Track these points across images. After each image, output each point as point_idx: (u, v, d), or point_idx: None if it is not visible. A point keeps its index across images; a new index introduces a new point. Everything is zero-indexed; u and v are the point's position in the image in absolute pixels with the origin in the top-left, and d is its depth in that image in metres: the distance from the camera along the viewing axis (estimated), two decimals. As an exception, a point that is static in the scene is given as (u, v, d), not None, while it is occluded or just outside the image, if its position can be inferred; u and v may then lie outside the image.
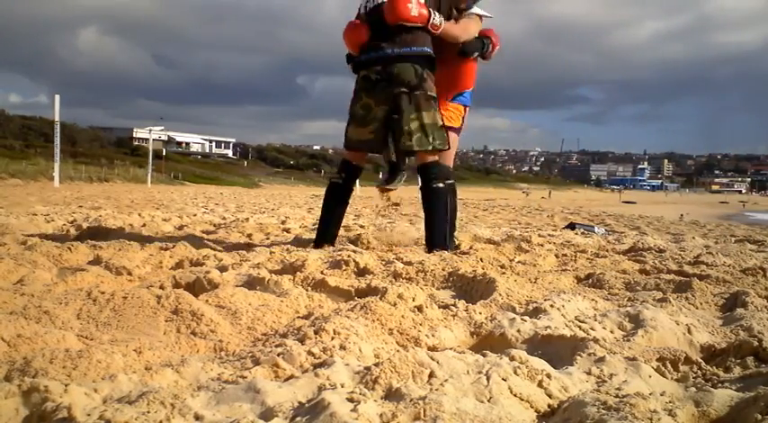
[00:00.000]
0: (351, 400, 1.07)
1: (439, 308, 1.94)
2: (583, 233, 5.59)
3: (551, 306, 1.95)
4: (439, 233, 3.33)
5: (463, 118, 3.71)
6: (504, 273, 2.72)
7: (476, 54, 3.49)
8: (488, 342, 1.70)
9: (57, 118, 19.17)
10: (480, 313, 1.92)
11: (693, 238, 5.21)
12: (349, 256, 2.87)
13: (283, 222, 5.71)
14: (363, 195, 22.69)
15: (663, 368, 1.48)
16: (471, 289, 2.38)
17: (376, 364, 1.29)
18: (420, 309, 1.88)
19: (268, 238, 4.04)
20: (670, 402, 1.15)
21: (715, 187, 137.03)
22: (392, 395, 1.15)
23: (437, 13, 3.33)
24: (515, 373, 1.29)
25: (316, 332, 1.57)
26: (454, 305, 1.97)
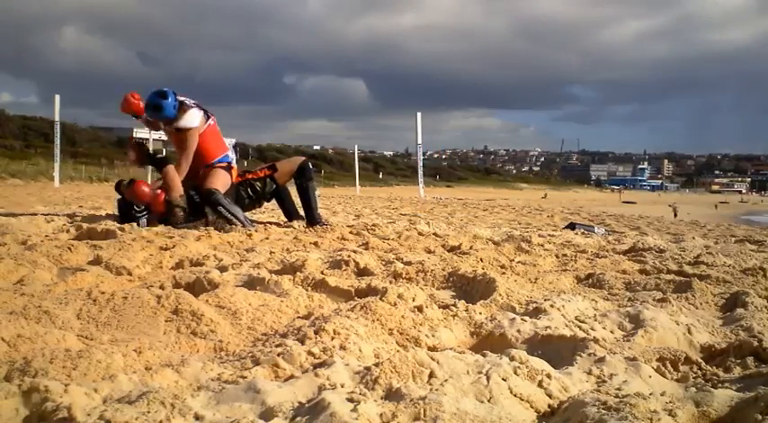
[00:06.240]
0: (351, 400, 1.08)
1: (439, 308, 1.94)
2: (583, 233, 5.58)
3: (551, 306, 1.95)
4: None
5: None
6: (504, 273, 2.73)
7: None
8: (488, 342, 1.70)
9: (57, 118, 19.13)
10: (480, 313, 1.92)
11: (693, 238, 5.21)
12: (349, 257, 2.87)
13: (284, 222, 5.71)
14: (363, 195, 22.70)
15: (663, 368, 1.48)
16: (471, 289, 2.38)
17: (376, 364, 1.29)
18: (420, 309, 1.88)
19: (268, 238, 4.03)
20: (670, 402, 1.15)
21: (715, 187, 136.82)
22: (392, 395, 1.15)
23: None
24: (515, 373, 1.29)
25: (316, 332, 1.57)
26: (454, 305, 1.97)
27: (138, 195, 4.66)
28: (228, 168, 4.92)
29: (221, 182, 4.76)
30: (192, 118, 4.73)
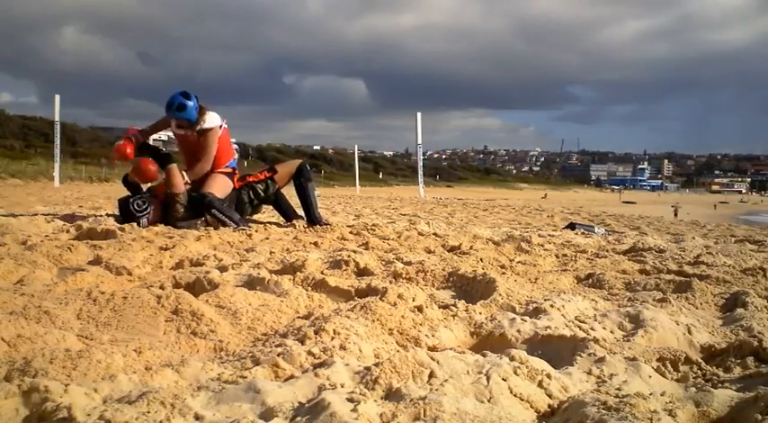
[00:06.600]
0: (351, 400, 1.08)
1: (439, 308, 1.94)
2: (583, 233, 5.58)
3: (551, 306, 1.95)
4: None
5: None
6: (504, 273, 2.72)
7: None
8: (488, 342, 1.70)
9: (57, 118, 19.14)
10: (480, 313, 1.92)
11: (693, 238, 5.21)
12: (349, 257, 2.87)
13: (284, 222, 5.70)
14: (363, 195, 22.70)
15: (663, 368, 1.48)
16: (471, 289, 2.38)
17: (376, 364, 1.29)
18: (420, 309, 1.88)
19: (268, 238, 4.03)
20: (670, 402, 1.15)
21: (715, 187, 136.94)
22: (392, 395, 1.15)
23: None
24: (515, 373, 1.29)
25: (316, 332, 1.57)
26: (454, 305, 1.97)
27: (145, 173, 4.52)
28: (231, 174, 4.91)
29: (219, 186, 4.74)
30: (214, 118, 4.75)
